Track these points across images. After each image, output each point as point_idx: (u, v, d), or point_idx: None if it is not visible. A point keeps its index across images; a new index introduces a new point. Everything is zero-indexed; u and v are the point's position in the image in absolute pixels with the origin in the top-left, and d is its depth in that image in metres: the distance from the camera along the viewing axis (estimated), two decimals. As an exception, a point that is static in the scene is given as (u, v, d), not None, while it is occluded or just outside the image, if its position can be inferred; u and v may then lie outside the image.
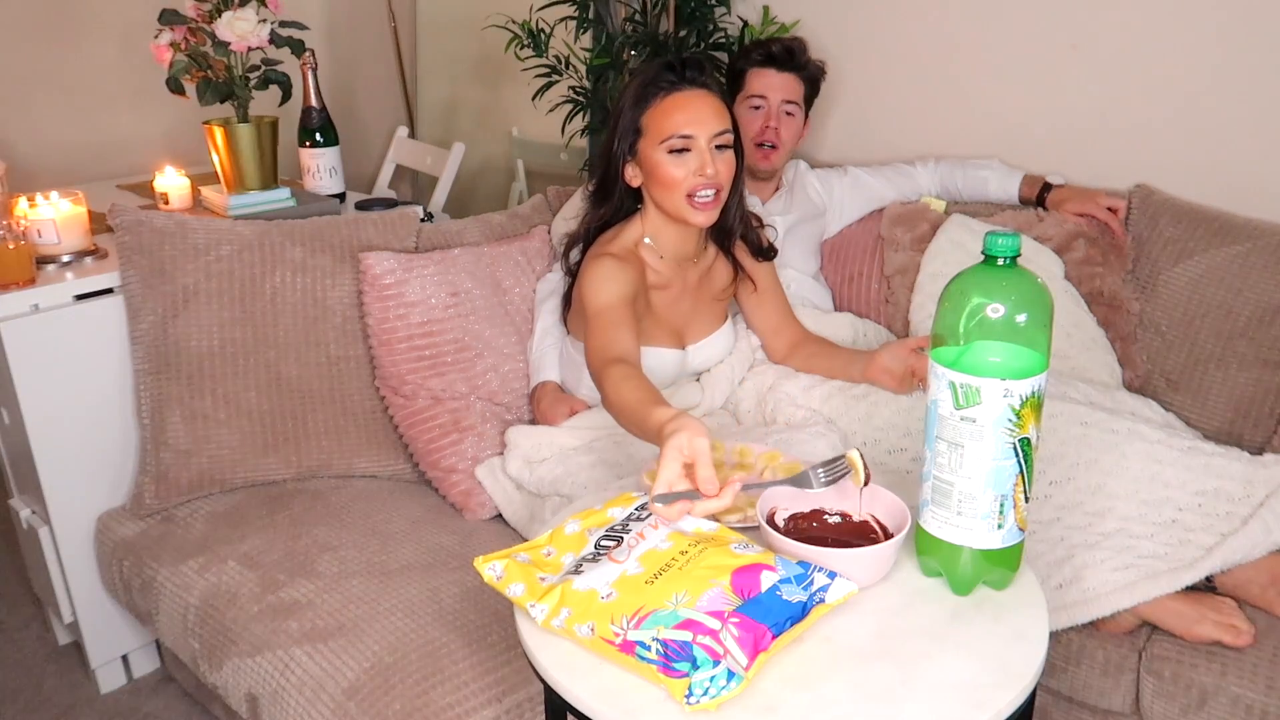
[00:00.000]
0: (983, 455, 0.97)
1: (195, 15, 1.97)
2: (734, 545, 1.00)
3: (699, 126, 1.49)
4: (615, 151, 1.55)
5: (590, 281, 1.54)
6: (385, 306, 1.72)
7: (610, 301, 1.48)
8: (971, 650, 0.96)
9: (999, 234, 0.96)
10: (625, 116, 1.53)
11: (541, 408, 1.74)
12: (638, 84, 1.54)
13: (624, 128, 1.53)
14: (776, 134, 1.97)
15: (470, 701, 1.25)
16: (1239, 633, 1.29)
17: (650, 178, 1.54)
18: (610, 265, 1.54)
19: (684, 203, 1.52)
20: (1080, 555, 1.34)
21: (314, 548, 1.56)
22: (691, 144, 1.49)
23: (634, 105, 1.52)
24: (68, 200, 1.80)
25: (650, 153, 1.51)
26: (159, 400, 1.70)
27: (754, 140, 1.98)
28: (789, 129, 1.99)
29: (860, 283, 2.03)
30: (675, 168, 1.50)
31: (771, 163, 2.00)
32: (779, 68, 1.97)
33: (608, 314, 1.47)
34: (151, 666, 1.96)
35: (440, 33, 3.29)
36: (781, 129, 1.98)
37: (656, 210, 1.58)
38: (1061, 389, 1.56)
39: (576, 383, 1.76)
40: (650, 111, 1.51)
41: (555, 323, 1.82)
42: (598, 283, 1.52)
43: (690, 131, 1.49)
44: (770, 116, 1.97)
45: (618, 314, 1.47)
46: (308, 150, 2.26)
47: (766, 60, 1.97)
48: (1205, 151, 1.83)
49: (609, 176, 1.58)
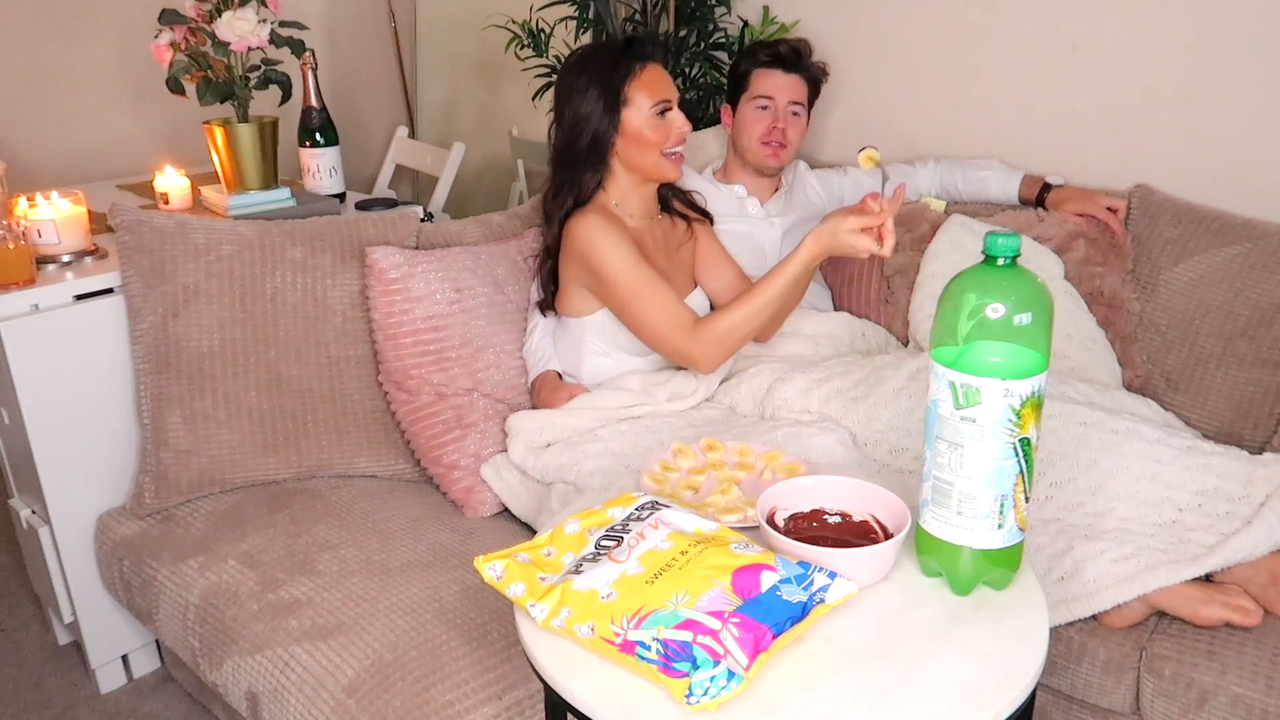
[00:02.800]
0: (983, 455, 0.97)
1: (195, 15, 1.97)
2: (734, 545, 1.00)
3: (671, 92, 1.68)
4: (604, 123, 1.65)
5: (596, 243, 1.62)
6: (391, 301, 1.73)
7: (632, 264, 1.61)
8: (971, 650, 0.96)
9: (999, 234, 0.96)
10: (607, 90, 1.63)
11: (543, 396, 1.75)
12: (611, 59, 1.65)
13: (608, 100, 1.64)
14: (784, 134, 1.97)
15: (470, 699, 1.25)
16: (1247, 613, 1.29)
17: (633, 142, 1.66)
18: (600, 221, 1.64)
19: (661, 159, 1.67)
20: (1080, 548, 1.34)
21: (314, 546, 1.56)
22: (670, 107, 1.66)
23: (617, 79, 1.64)
24: (68, 200, 1.80)
25: (634, 118, 1.65)
26: (159, 400, 1.70)
27: (761, 140, 1.98)
28: (795, 129, 1.99)
29: (860, 283, 2.03)
30: (659, 130, 1.65)
31: (780, 160, 2.00)
32: (786, 69, 1.97)
33: (643, 280, 1.61)
34: (151, 666, 1.96)
35: (440, 33, 3.29)
36: (788, 129, 1.98)
37: (626, 174, 1.70)
38: (1061, 389, 1.56)
39: (577, 365, 1.77)
40: (633, 82, 1.64)
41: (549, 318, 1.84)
42: (607, 245, 1.62)
43: (668, 96, 1.67)
44: (778, 117, 1.97)
45: (649, 276, 1.62)
46: (308, 150, 2.26)
47: (774, 61, 1.97)
48: (1205, 151, 1.83)
49: (599, 146, 1.66)
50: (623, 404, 1.69)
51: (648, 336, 1.65)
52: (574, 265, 1.69)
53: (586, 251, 1.64)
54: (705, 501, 1.21)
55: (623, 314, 1.66)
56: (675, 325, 1.61)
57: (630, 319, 1.65)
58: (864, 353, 1.90)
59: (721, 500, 1.21)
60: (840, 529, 1.11)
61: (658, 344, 1.65)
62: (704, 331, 1.60)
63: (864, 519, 1.12)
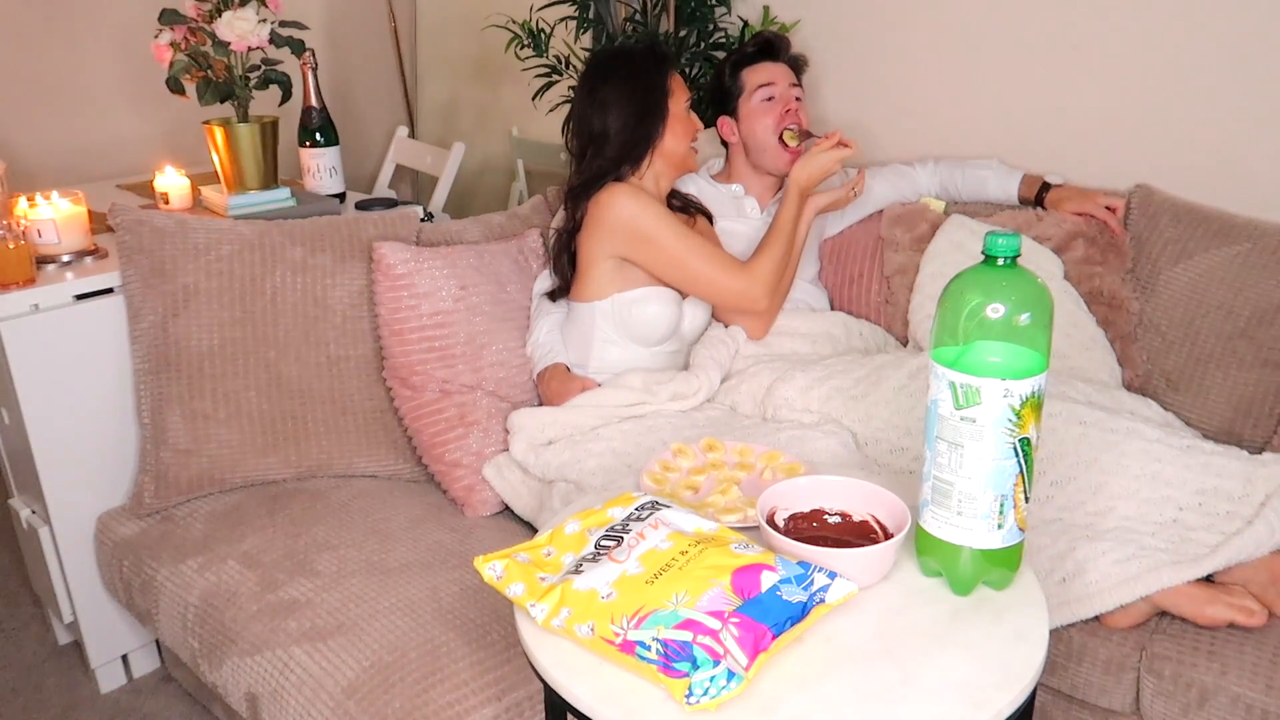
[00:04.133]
0: (983, 455, 0.97)
1: (195, 15, 1.97)
2: (734, 545, 1.00)
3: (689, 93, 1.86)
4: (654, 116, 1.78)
5: (640, 210, 1.72)
6: (397, 297, 1.73)
7: (676, 224, 1.74)
8: (971, 650, 0.96)
9: (999, 234, 0.96)
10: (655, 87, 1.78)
11: (552, 388, 1.75)
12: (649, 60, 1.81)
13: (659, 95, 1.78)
14: (797, 117, 1.92)
15: (470, 700, 1.25)
16: (1252, 613, 1.29)
17: (674, 134, 1.80)
18: (636, 190, 1.75)
19: (690, 149, 1.83)
20: (1082, 548, 1.34)
21: (313, 547, 1.56)
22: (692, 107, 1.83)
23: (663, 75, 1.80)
24: (68, 200, 1.80)
25: (678, 109, 1.80)
26: (159, 400, 1.70)
27: (777, 129, 1.91)
28: (805, 114, 1.95)
29: (860, 283, 2.03)
30: (691, 121, 1.82)
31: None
32: (773, 58, 1.96)
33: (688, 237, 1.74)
34: (151, 666, 1.96)
35: (440, 33, 3.29)
36: (799, 112, 1.93)
37: (659, 162, 1.81)
38: (1060, 389, 1.56)
39: (585, 355, 1.78)
40: (671, 80, 1.81)
41: (556, 314, 1.84)
42: (650, 210, 1.73)
43: (690, 96, 1.84)
44: (787, 100, 1.92)
45: (691, 233, 1.76)
46: (308, 150, 2.26)
47: (759, 53, 1.96)
48: (1205, 151, 1.83)
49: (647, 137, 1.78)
50: (625, 402, 1.69)
51: (704, 285, 1.76)
52: (606, 238, 1.74)
53: (631, 218, 1.72)
54: (705, 501, 1.21)
55: (675, 271, 1.75)
56: (730, 267, 1.75)
57: (684, 273, 1.75)
58: (863, 352, 1.90)
59: (721, 500, 1.21)
60: (840, 529, 1.11)
61: (716, 289, 1.77)
62: (754, 270, 1.75)
63: (864, 519, 1.12)
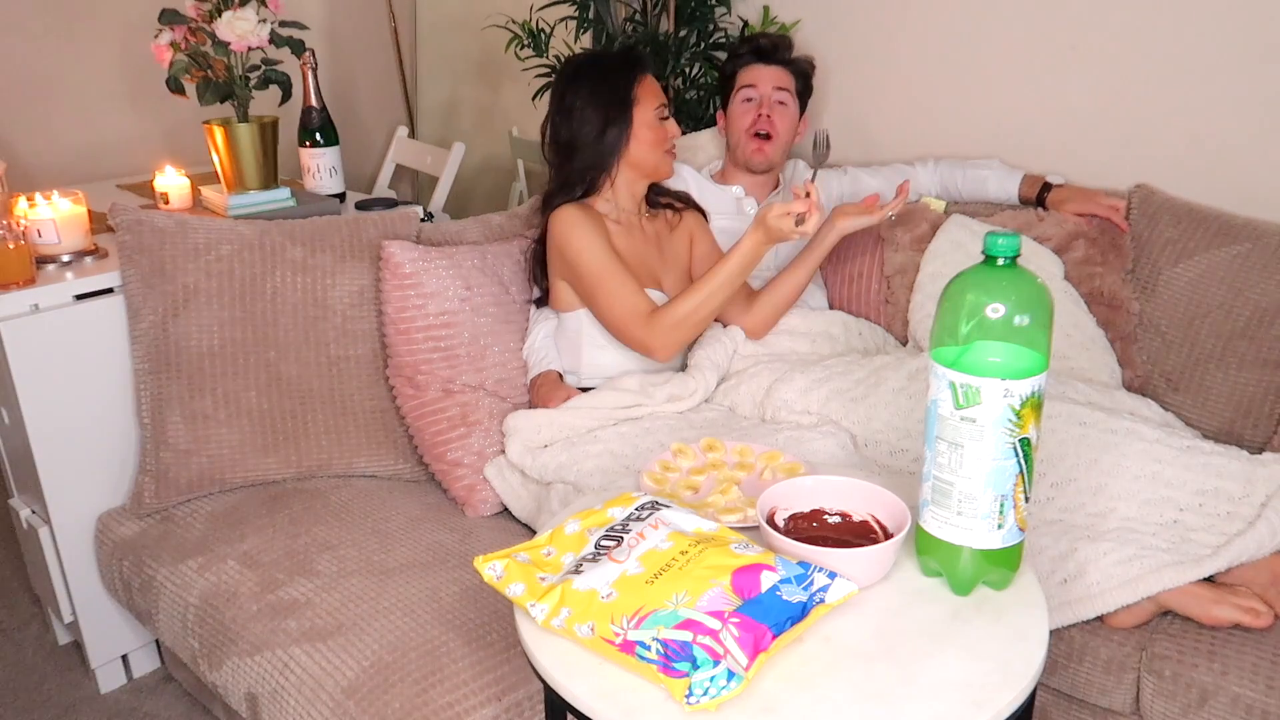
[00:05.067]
0: (983, 455, 0.97)
1: (195, 15, 1.97)
2: (734, 545, 1.00)
3: (665, 99, 1.81)
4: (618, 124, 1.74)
5: (570, 235, 1.72)
6: (404, 295, 1.73)
7: (600, 255, 1.70)
8: (971, 650, 0.96)
9: (999, 234, 0.96)
10: (620, 94, 1.74)
11: (541, 393, 1.76)
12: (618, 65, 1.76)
13: (622, 103, 1.74)
14: (770, 122, 1.95)
15: (469, 700, 1.25)
16: (1258, 614, 1.28)
17: (641, 141, 1.76)
18: (576, 214, 1.73)
19: (663, 156, 1.79)
20: (1083, 549, 1.34)
21: (313, 547, 1.56)
22: (666, 114, 1.79)
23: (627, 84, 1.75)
24: (68, 200, 1.80)
25: (643, 119, 1.75)
26: (159, 400, 1.70)
27: (748, 131, 1.97)
28: (783, 119, 1.97)
29: (860, 283, 2.03)
30: (662, 129, 1.78)
31: (766, 156, 1.98)
32: (766, 61, 1.98)
33: (609, 270, 1.69)
34: (151, 666, 1.96)
35: (440, 33, 3.29)
36: (775, 117, 1.96)
37: (629, 170, 1.79)
38: (1061, 389, 1.56)
39: (577, 360, 1.80)
40: (638, 87, 1.76)
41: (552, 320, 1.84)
42: (579, 236, 1.71)
43: (665, 102, 1.80)
44: (763, 105, 1.96)
45: (615, 267, 1.70)
46: (308, 150, 2.26)
47: (754, 54, 1.99)
48: (1205, 151, 1.83)
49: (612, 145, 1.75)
50: (621, 404, 1.69)
51: (608, 324, 1.73)
52: (555, 258, 1.78)
53: (563, 243, 1.73)
54: (705, 501, 1.21)
55: (589, 302, 1.75)
56: (632, 313, 1.69)
57: (594, 307, 1.74)
58: (862, 351, 1.90)
59: (721, 500, 1.21)
60: (840, 529, 1.11)
61: (617, 332, 1.73)
62: (658, 320, 1.68)
63: (864, 519, 1.12)
